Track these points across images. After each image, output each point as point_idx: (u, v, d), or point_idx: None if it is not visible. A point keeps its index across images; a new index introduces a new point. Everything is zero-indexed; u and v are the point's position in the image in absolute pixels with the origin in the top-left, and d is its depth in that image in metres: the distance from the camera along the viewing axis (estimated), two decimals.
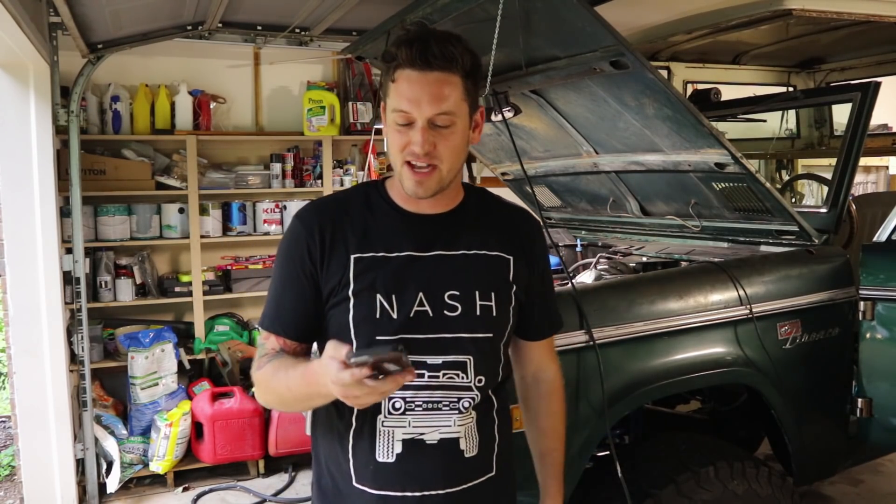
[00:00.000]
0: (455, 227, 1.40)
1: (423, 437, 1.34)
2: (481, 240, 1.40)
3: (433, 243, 1.36)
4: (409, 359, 1.10)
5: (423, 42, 1.27)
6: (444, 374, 1.33)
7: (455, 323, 1.33)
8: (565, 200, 3.70)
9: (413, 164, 1.30)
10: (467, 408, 1.36)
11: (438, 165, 1.30)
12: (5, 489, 4.16)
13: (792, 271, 2.51)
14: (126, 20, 3.34)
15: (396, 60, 1.28)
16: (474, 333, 1.35)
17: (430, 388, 1.33)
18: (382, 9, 3.05)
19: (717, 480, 2.10)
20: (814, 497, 3.58)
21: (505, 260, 1.41)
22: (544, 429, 1.58)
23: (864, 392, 2.55)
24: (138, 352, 4.03)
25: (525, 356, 1.56)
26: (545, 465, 1.59)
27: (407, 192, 1.33)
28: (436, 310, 1.33)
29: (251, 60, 4.70)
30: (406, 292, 1.32)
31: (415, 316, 1.32)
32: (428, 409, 1.33)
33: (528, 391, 1.59)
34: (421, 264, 1.34)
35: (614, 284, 2.41)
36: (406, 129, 1.29)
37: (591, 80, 2.50)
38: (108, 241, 4.17)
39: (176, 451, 3.97)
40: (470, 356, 1.35)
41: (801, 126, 4.56)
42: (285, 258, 1.39)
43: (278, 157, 4.61)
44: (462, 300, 1.34)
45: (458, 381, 1.34)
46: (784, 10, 2.77)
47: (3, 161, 3.54)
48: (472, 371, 1.35)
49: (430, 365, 1.32)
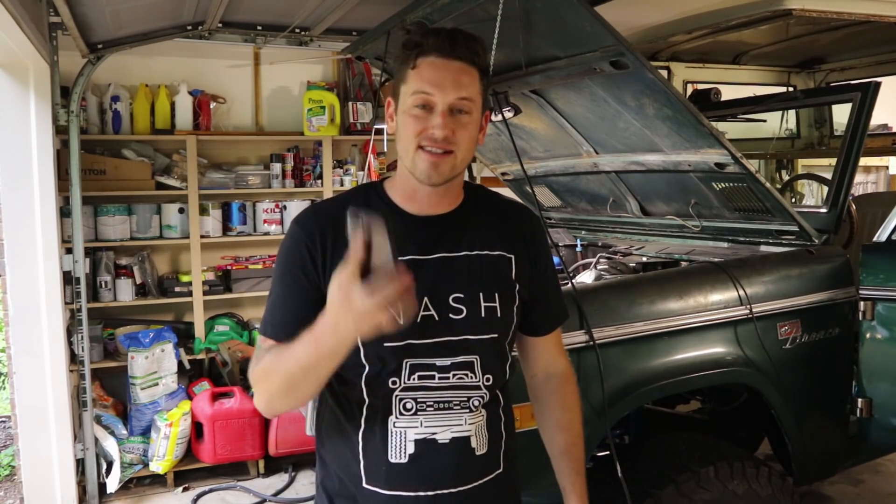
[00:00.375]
0: (457, 227, 1.39)
1: (435, 437, 1.33)
2: (483, 240, 1.39)
3: (436, 246, 1.36)
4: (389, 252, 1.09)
5: (451, 33, 1.30)
6: (454, 374, 1.34)
7: (461, 325, 1.34)
8: (565, 200, 3.70)
9: (428, 148, 1.29)
10: (477, 406, 1.36)
11: (455, 151, 1.30)
12: (5, 489, 4.16)
13: (792, 271, 2.51)
14: (126, 20, 3.34)
15: (420, 48, 1.29)
16: (480, 335, 1.35)
17: (440, 389, 1.33)
18: (382, 9, 3.05)
19: (717, 480, 2.10)
20: (814, 497, 3.58)
21: (507, 259, 1.41)
22: (561, 423, 1.55)
23: (864, 392, 2.55)
24: (138, 352, 4.03)
25: (534, 353, 1.55)
26: (566, 462, 1.54)
27: (419, 178, 1.31)
28: (441, 313, 1.32)
29: (251, 60, 4.70)
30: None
31: (421, 320, 1.30)
32: (439, 409, 1.33)
33: (541, 388, 1.56)
34: (425, 268, 1.32)
35: (614, 284, 2.41)
36: (424, 114, 1.29)
37: (591, 80, 2.50)
38: (108, 241, 4.17)
39: (176, 451, 3.97)
40: (477, 356, 1.35)
41: (801, 126, 4.56)
42: (285, 263, 1.36)
43: (278, 157, 4.61)
44: (467, 302, 1.34)
45: (467, 381, 1.35)
46: (784, 10, 2.77)
47: (3, 161, 3.54)
48: (480, 370, 1.36)
49: (439, 366, 1.33)
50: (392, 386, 1.32)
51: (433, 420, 1.33)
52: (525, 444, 1.66)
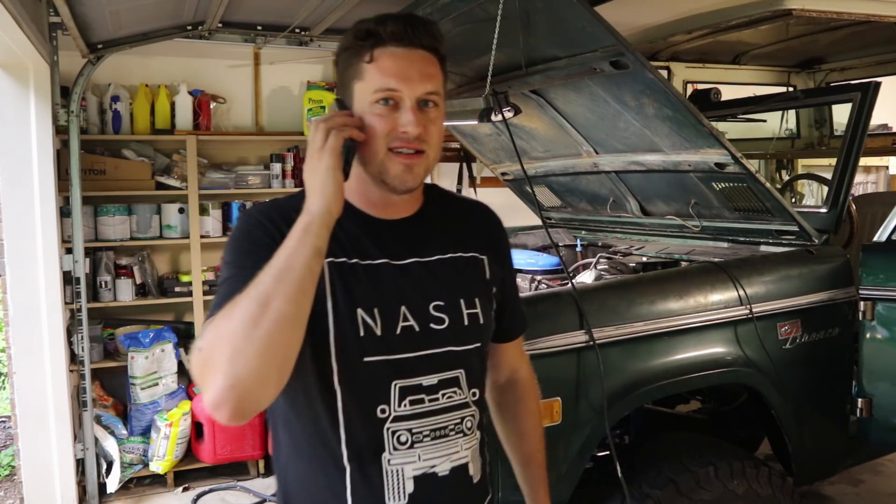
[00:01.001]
0: (425, 230, 1.25)
1: (434, 470, 1.18)
2: (453, 241, 1.28)
3: (407, 250, 1.21)
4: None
5: (408, 19, 1.17)
6: (443, 393, 1.19)
7: (443, 336, 1.20)
8: (565, 200, 3.70)
9: (400, 149, 1.15)
10: (471, 427, 1.24)
11: (426, 150, 1.16)
12: (5, 489, 4.16)
13: (792, 271, 2.51)
14: (126, 20, 3.34)
15: (376, 37, 1.15)
16: (464, 345, 1.23)
17: (433, 414, 1.18)
18: (382, 9, 3.00)
19: (717, 480, 2.10)
20: (814, 497, 3.57)
21: (480, 260, 1.30)
22: (525, 430, 1.46)
23: (864, 392, 2.55)
24: (138, 352, 4.03)
25: (499, 359, 1.43)
26: (531, 469, 1.47)
27: (392, 185, 1.17)
28: (422, 324, 1.19)
29: (251, 60, 4.70)
30: (388, 306, 1.17)
31: (401, 332, 1.17)
32: (437, 438, 1.18)
33: (504, 395, 1.47)
34: (399, 274, 1.19)
35: (614, 284, 2.41)
36: (390, 113, 1.14)
37: (591, 80, 2.50)
38: (108, 241, 4.16)
39: (176, 451, 3.97)
40: (462, 369, 1.22)
41: (801, 126, 4.57)
42: (248, 245, 1.14)
43: (278, 157, 4.61)
44: (448, 310, 1.21)
45: (457, 399, 1.21)
46: (784, 10, 2.78)
47: (3, 161, 3.54)
48: (466, 385, 1.23)
49: (426, 387, 1.18)
50: (381, 416, 1.15)
51: (431, 451, 1.18)
52: None
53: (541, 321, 2.05)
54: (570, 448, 2.03)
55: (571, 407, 2.02)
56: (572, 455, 2.03)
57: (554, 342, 2.02)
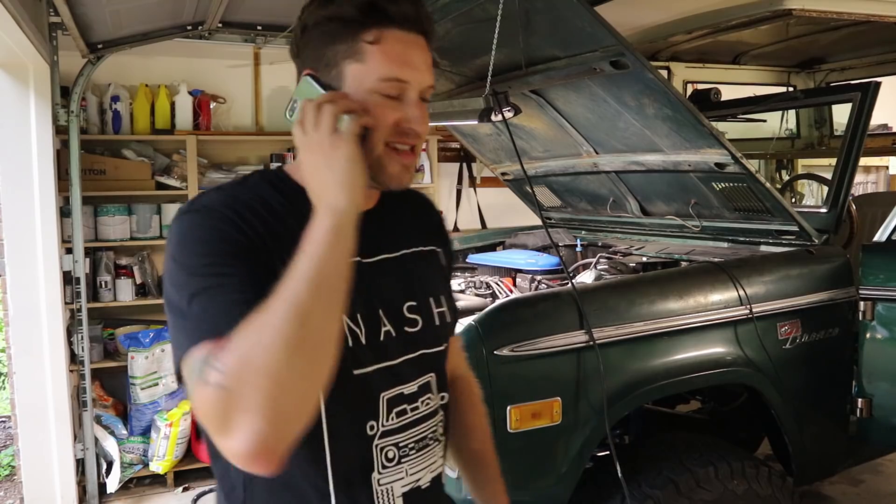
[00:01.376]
0: (386, 224, 1.14)
1: (419, 484, 1.10)
2: (413, 235, 1.17)
3: (375, 246, 1.09)
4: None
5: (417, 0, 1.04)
6: (422, 401, 1.11)
7: (418, 339, 1.11)
8: (565, 200, 3.70)
9: (400, 146, 1.03)
10: (442, 434, 1.16)
11: (417, 147, 1.07)
12: (5, 489, 4.16)
13: (792, 271, 2.51)
14: (126, 20, 3.34)
15: (383, 15, 0.99)
16: (435, 347, 1.14)
17: (415, 424, 1.10)
18: None
19: (717, 480, 2.10)
20: (814, 497, 3.57)
21: (437, 253, 1.22)
22: (472, 426, 1.34)
23: (864, 392, 2.55)
24: (138, 352, 4.03)
25: None
26: (483, 467, 1.34)
27: (386, 183, 1.05)
28: (398, 328, 1.08)
29: (251, 60, 4.70)
30: (368, 310, 1.05)
31: (385, 339, 1.06)
32: (420, 450, 1.11)
33: (450, 392, 1.39)
34: (373, 273, 1.07)
35: (614, 284, 2.41)
36: (393, 104, 1.01)
37: (591, 80, 2.50)
38: (108, 241, 4.16)
39: (176, 451, 3.97)
40: (434, 373, 1.14)
41: (801, 126, 4.57)
42: (222, 246, 0.95)
43: (278, 157, 4.60)
44: (420, 311, 1.12)
45: (432, 406, 1.13)
46: (784, 10, 2.78)
47: (3, 161, 3.54)
48: (436, 389, 1.14)
49: (407, 396, 1.08)
50: (370, 432, 1.05)
51: (417, 464, 1.10)
52: (523, 445, 1.66)
53: (541, 321, 2.05)
54: (570, 448, 2.03)
55: (571, 407, 2.02)
56: (572, 455, 2.03)
57: (554, 342, 2.02)
